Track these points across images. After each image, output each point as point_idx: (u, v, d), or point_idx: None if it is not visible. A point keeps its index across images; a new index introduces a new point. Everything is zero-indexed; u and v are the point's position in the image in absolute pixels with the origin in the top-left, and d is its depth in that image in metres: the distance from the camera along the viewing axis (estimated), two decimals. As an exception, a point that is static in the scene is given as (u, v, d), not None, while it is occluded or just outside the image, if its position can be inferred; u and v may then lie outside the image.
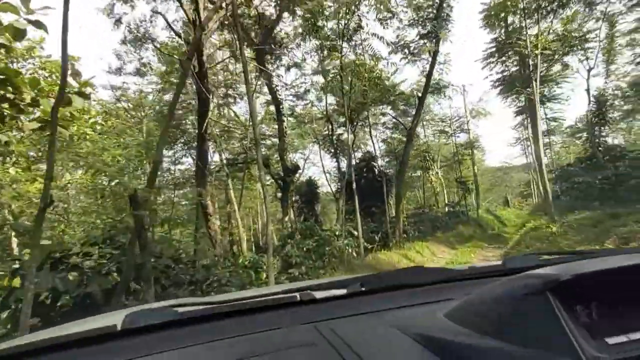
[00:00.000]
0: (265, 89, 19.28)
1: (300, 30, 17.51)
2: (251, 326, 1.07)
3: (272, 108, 20.06)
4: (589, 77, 22.04)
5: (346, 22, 14.03)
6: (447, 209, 30.43)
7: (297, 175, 26.96)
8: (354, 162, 30.79)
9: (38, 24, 3.67)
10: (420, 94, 15.62)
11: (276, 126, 19.86)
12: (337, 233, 13.60)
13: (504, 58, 22.46)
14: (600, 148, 23.95)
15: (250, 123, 12.35)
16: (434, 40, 14.61)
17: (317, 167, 34.21)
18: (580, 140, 23.85)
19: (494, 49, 22.01)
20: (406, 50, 15.48)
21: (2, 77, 3.89)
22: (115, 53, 16.94)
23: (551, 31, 20.77)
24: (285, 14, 15.91)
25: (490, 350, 0.76)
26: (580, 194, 14.79)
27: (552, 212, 12.17)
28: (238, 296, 1.34)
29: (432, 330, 0.92)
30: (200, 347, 0.97)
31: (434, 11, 14.07)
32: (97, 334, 1.01)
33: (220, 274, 7.45)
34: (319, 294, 1.24)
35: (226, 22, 13.73)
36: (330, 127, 25.31)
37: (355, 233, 13.66)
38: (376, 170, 27.34)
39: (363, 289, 1.27)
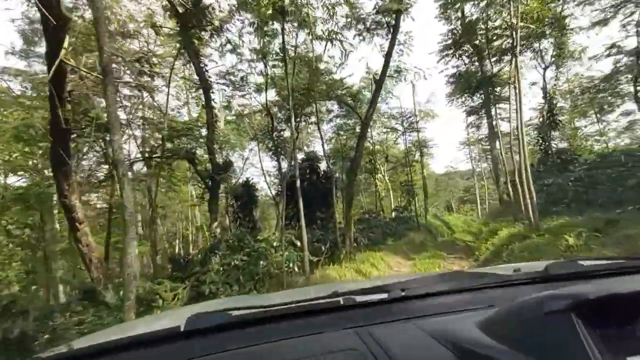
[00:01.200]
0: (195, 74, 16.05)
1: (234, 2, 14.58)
2: (297, 330, 1.15)
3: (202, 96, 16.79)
4: (544, 77, 21.16)
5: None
6: (394, 214, 28.72)
7: (232, 174, 23.68)
8: (296, 162, 28.36)
9: None
10: (377, 77, 13.22)
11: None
12: (274, 244, 10.73)
13: (459, 52, 20.93)
14: (549, 152, 23.32)
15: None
16: (393, 15, 12.31)
17: (257, 168, 30.98)
18: (532, 143, 22.99)
19: (450, 41, 20.40)
20: (361, 26, 13.03)
21: None
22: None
23: (506, 26, 19.61)
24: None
25: None
26: (550, 198, 13.22)
27: (536, 217, 10.20)
28: (287, 298, 1.38)
29: (465, 341, 0.94)
30: (250, 349, 1.07)
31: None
32: (163, 335, 1.16)
33: (65, 323, 4.35)
34: (360, 298, 1.30)
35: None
36: (270, 121, 22.41)
37: (298, 243, 10.88)
38: (321, 171, 25.07)
39: (404, 294, 1.31)
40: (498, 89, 22.57)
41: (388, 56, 12.85)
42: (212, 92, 16.10)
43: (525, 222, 11.13)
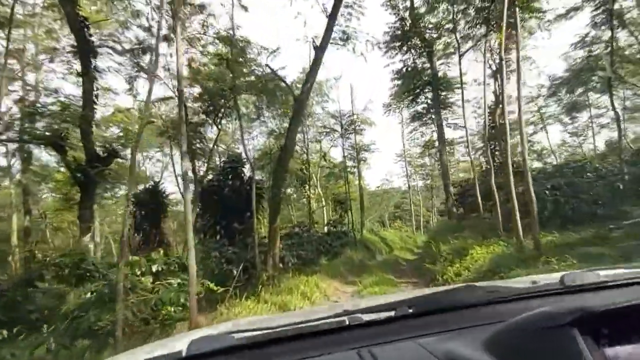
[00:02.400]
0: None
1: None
2: (301, 351, 1.13)
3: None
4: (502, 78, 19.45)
5: None
6: (327, 229, 25.60)
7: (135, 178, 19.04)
8: (215, 165, 24.24)
9: None
10: (317, 44, 9.94)
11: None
12: (155, 268, 6.82)
13: (408, 46, 18.55)
14: (495, 163, 21.76)
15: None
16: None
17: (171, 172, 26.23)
18: (477, 153, 21.38)
19: (399, 32, 17.95)
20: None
21: None
22: None
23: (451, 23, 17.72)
24: None
25: None
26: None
27: (535, 234, 7.46)
28: (291, 319, 1.40)
29: None
30: None
31: None
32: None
33: None
34: (367, 317, 1.28)
35: None
36: (184, 112, 18.21)
37: (194, 267, 7.05)
38: (246, 176, 21.37)
39: (411, 311, 1.29)
40: (443, 93, 20.69)
41: (332, 18, 9.71)
42: (93, 57, 11.74)
43: (511, 239, 8.50)
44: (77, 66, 12.76)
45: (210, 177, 21.24)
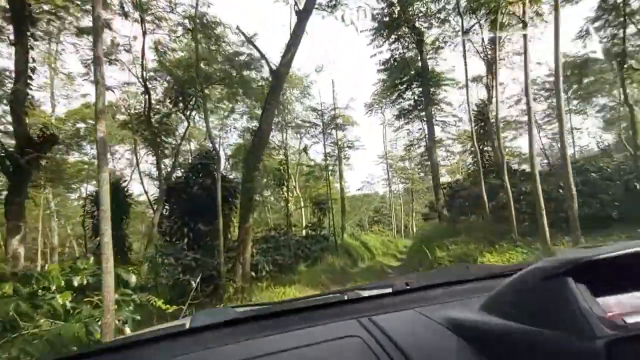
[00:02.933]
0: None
1: None
2: (301, 322, 1.15)
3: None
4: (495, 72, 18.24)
5: None
6: (305, 232, 23.93)
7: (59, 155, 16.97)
8: (182, 160, 22.23)
9: None
10: (299, 8, 8.28)
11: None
12: (82, 281, 5.00)
13: (397, 34, 17.12)
14: (485, 165, 20.64)
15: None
16: None
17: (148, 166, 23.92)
18: (465, 154, 20.24)
19: (387, 19, 16.49)
20: None
21: None
22: None
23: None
24: None
25: (513, 334, 0.82)
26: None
27: (577, 236, 6.04)
28: (290, 299, 1.58)
29: (469, 323, 0.97)
30: (257, 341, 1.07)
31: None
32: (169, 332, 1.18)
33: None
34: (365, 293, 1.36)
35: None
36: (147, 99, 16.36)
37: (133, 279, 5.26)
38: (217, 174, 19.52)
39: (408, 287, 1.36)
40: (432, 89, 19.39)
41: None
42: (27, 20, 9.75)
43: (531, 245, 7.09)
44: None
45: (179, 174, 19.33)
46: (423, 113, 19.92)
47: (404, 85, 19.86)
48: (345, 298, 1.30)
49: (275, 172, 25.46)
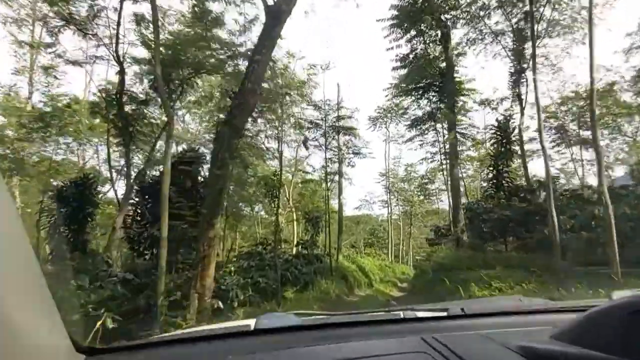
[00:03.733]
0: None
1: None
2: (363, 335, 1.17)
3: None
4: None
5: None
6: (296, 250, 21.19)
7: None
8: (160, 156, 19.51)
9: None
10: None
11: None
12: None
13: (419, 27, 14.73)
14: (505, 184, 18.17)
15: None
16: None
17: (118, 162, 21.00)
18: (484, 172, 17.81)
19: (408, 9, 14.14)
20: None
21: None
22: None
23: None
24: None
25: None
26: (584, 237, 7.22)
27: None
28: (348, 312, 1.52)
29: (541, 349, 0.94)
30: (323, 347, 1.09)
31: None
32: (234, 331, 1.27)
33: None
34: (421, 314, 1.35)
35: None
36: (121, 80, 13.86)
37: None
38: (202, 176, 17.21)
39: (464, 312, 1.34)
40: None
41: None
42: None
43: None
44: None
45: (156, 172, 16.70)
46: (439, 125, 17.50)
47: (420, 91, 17.49)
48: (402, 316, 1.31)
49: (269, 179, 23.07)
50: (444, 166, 19.94)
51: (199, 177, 17.18)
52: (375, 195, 38.96)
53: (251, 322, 1.27)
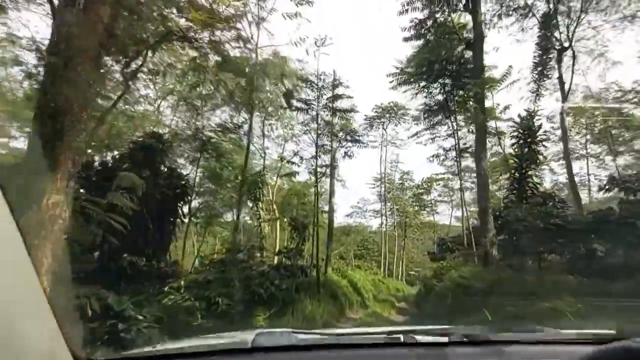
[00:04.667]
0: None
1: None
2: (360, 358, 1.20)
3: None
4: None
5: None
6: (277, 260, 17.92)
7: None
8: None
9: None
10: None
11: None
12: None
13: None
14: (529, 191, 15.25)
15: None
16: None
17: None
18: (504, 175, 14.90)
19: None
20: None
21: None
22: None
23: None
24: None
25: None
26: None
27: None
28: (345, 331, 1.60)
29: None
30: None
31: None
32: (232, 348, 1.29)
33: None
34: (421, 338, 1.30)
35: None
36: (55, 27, 10.29)
37: None
38: (166, 165, 14.50)
39: (465, 339, 1.30)
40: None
41: None
42: None
43: None
44: None
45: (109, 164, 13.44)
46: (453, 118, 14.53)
47: (432, 75, 14.54)
48: (401, 339, 1.27)
49: (253, 180, 19.94)
50: (457, 164, 16.89)
51: (163, 167, 14.18)
52: (369, 202, 35.89)
53: (249, 338, 1.25)
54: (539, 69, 15.30)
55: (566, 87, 14.60)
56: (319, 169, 14.12)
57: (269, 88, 20.12)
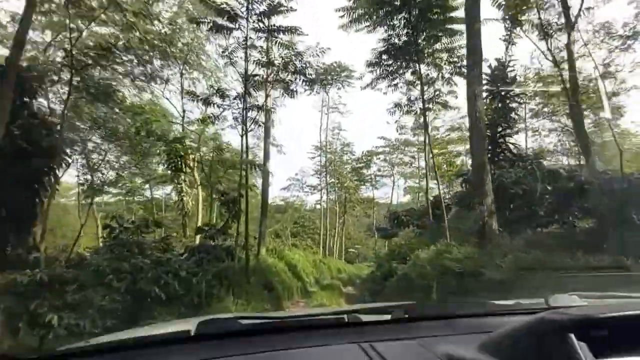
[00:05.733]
0: None
1: None
2: (302, 341, 1.14)
3: None
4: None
5: None
6: (199, 240, 14.26)
7: None
8: None
9: None
10: None
11: None
12: None
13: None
14: (502, 154, 13.06)
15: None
16: None
17: None
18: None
19: None
20: None
21: None
22: None
23: None
24: None
25: None
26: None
27: None
28: (292, 313, 1.56)
29: (467, 357, 0.93)
30: (258, 356, 1.05)
31: None
32: (173, 337, 1.22)
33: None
34: (365, 317, 1.32)
35: None
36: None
37: None
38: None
39: (406, 316, 1.32)
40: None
41: None
42: None
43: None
44: None
45: None
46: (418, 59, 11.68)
47: (393, 7, 11.53)
48: (346, 320, 1.27)
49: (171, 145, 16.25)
50: (421, 115, 14.15)
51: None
52: (307, 175, 32.79)
53: (190, 326, 1.14)
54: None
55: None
56: (248, 115, 10.35)
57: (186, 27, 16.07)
